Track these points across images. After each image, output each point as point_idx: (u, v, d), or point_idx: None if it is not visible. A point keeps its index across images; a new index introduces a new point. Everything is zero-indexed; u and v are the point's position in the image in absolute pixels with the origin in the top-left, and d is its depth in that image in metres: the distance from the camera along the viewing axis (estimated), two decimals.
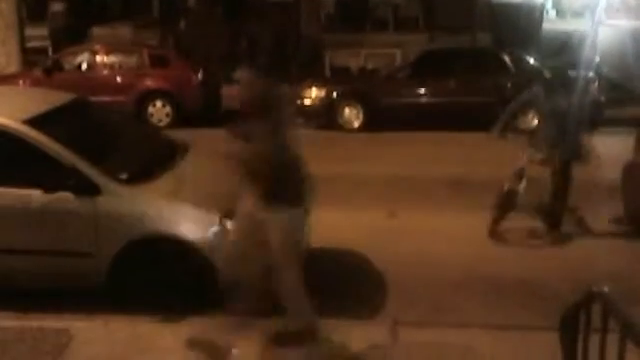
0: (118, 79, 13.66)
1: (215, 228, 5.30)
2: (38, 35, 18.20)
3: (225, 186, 5.91)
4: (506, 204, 7.02)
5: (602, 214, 7.71)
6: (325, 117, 13.03)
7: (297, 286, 4.62)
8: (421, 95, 12.99)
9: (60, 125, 5.97)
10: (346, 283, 6.13)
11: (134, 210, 5.28)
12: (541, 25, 20.01)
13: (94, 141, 6.15)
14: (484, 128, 7.49)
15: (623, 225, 7.38)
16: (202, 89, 13.73)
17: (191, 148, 6.52)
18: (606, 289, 3.26)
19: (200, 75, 13.77)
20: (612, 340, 3.10)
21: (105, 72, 13.79)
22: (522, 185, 7.01)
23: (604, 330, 3.18)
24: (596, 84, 13.22)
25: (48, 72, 13.42)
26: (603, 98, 13.14)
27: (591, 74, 13.54)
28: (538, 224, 7.21)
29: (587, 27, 18.12)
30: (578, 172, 7.13)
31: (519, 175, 7.03)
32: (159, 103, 13.43)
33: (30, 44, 16.45)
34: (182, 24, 19.31)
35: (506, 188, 7.01)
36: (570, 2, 29.42)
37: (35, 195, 5.26)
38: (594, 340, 3.31)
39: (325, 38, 18.37)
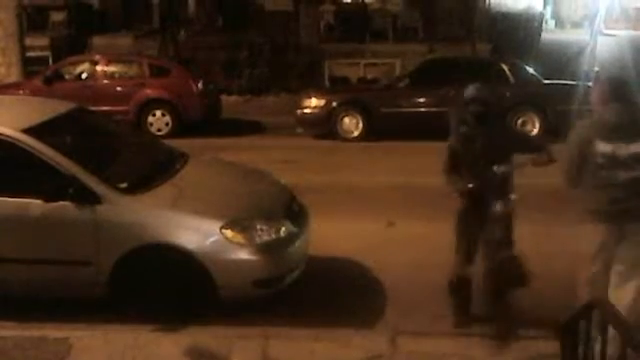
0: (118, 88, 13.68)
1: (214, 237, 5.30)
2: (38, 45, 18.22)
3: (224, 195, 5.95)
4: None
5: None
6: (325, 126, 13.04)
7: None
8: (420, 105, 13.01)
9: (60, 134, 5.99)
10: (345, 292, 6.13)
11: (134, 219, 5.28)
12: (540, 35, 20.08)
13: (94, 150, 6.18)
14: None
15: None
16: (202, 98, 13.75)
17: (190, 157, 6.53)
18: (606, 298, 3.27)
19: (200, 85, 13.79)
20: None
21: (105, 82, 13.81)
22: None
23: (604, 339, 3.18)
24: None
25: (48, 81, 13.45)
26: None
27: (590, 84, 13.58)
28: None
29: (586, 37, 18.19)
30: None
31: None
32: (159, 112, 13.44)
33: (30, 54, 16.48)
34: (182, 34, 19.38)
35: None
36: (569, 12, 29.54)
37: (35, 204, 5.26)
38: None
39: (324, 48, 18.42)
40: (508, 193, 5.09)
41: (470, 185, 5.06)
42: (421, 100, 13.02)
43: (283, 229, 5.59)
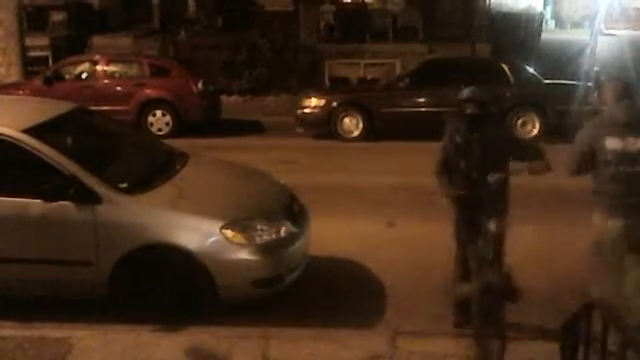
0: (118, 89, 13.69)
1: (214, 237, 5.30)
2: (39, 45, 18.23)
3: (224, 195, 5.95)
4: None
5: None
6: (325, 126, 13.04)
7: None
8: (420, 105, 13.01)
9: (60, 134, 6.00)
10: (345, 292, 6.13)
11: (134, 219, 5.28)
12: (540, 35, 20.08)
13: (94, 150, 6.19)
14: None
15: None
16: (202, 98, 13.76)
17: (190, 157, 6.53)
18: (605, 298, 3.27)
19: (200, 85, 13.79)
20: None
21: (105, 82, 13.82)
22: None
23: (604, 339, 3.18)
24: (596, 94, 13.23)
25: (48, 82, 13.46)
26: (604, 107, 13.14)
27: (590, 84, 13.60)
28: None
29: (586, 37, 18.18)
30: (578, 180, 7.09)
31: None
32: (159, 112, 13.45)
33: (30, 54, 16.50)
34: (182, 34, 19.37)
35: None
36: (569, 12, 29.55)
37: (35, 204, 5.26)
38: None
39: (324, 48, 18.41)
40: (504, 203, 4.91)
41: (462, 192, 5.03)
42: (421, 100, 13.02)
43: (283, 229, 5.59)
